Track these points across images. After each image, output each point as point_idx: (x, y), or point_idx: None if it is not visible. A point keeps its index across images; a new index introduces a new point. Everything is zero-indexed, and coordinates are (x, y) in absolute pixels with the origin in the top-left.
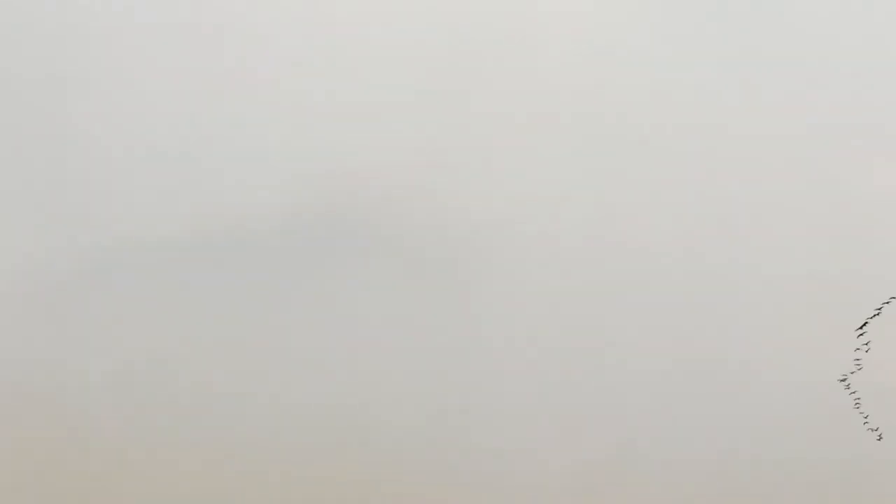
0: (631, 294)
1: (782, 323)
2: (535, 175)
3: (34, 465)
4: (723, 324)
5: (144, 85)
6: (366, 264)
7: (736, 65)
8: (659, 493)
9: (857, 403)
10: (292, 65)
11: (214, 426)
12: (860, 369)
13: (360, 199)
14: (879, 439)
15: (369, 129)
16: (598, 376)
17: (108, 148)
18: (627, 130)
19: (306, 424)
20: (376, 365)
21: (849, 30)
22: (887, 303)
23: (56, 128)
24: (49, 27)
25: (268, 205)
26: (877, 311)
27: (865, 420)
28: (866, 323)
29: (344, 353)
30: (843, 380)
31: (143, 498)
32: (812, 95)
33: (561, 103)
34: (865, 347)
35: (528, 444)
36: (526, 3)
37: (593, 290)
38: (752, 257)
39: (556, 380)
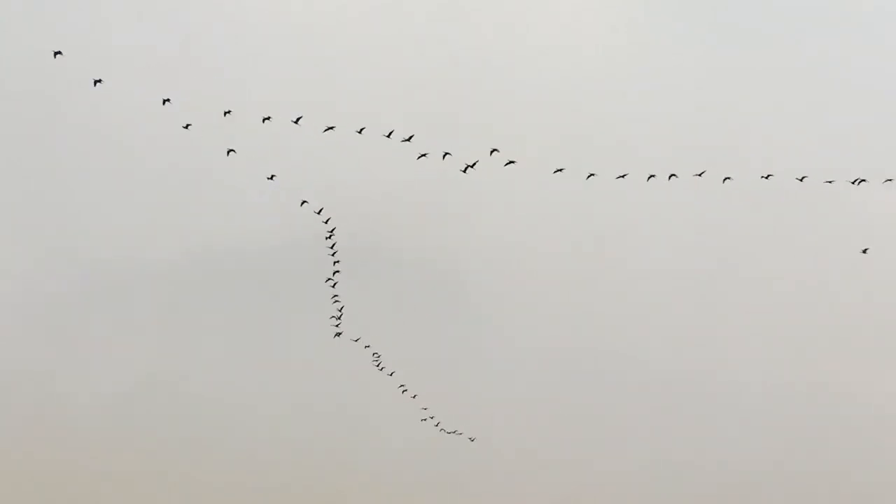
0: (629, 307)
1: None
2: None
3: (35, 481)
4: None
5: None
6: (364, 285)
7: (727, 82)
8: (662, 496)
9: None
10: (293, 88)
11: (216, 440)
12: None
13: (358, 222)
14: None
15: (368, 154)
16: (597, 390)
17: (112, 171)
18: (622, 151)
19: (308, 438)
20: (379, 379)
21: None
22: None
23: (60, 149)
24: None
25: (268, 227)
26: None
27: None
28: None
29: (345, 369)
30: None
31: None
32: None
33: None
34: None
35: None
36: (526, 28)
37: (592, 305)
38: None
39: (555, 391)
